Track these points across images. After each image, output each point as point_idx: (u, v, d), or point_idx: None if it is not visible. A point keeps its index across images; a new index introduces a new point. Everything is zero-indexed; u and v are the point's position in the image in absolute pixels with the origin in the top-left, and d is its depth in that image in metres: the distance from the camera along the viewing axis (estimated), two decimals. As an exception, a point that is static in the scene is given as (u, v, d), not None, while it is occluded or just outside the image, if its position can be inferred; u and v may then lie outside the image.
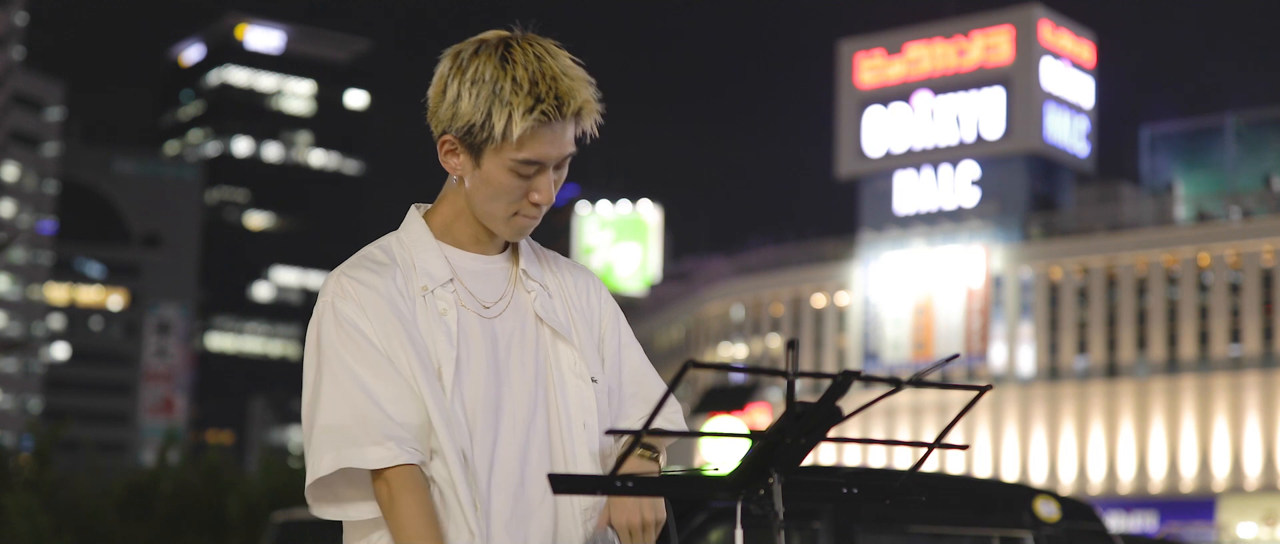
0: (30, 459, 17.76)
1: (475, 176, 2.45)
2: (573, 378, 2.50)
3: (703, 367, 1.86)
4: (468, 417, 2.41)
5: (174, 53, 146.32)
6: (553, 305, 2.54)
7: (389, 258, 2.49)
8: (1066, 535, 5.70)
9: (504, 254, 2.56)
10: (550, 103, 2.39)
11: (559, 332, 2.51)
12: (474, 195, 2.47)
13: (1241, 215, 54.68)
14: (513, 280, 2.54)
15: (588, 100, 2.44)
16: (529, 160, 2.41)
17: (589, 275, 2.66)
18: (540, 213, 2.49)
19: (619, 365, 2.60)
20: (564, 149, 2.45)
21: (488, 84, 2.39)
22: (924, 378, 1.99)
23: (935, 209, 60.54)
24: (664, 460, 2.59)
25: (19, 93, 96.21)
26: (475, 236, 2.53)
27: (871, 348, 59.66)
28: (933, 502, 5.55)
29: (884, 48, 62.61)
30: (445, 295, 2.46)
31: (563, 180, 2.51)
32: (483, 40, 2.45)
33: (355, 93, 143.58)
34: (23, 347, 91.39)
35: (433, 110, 2.47)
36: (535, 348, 2.50)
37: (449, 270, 2.48)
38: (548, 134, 2.41)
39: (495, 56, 2.41)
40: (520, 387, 2.47)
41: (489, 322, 2.48)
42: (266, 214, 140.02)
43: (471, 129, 2.41)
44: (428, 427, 2.39)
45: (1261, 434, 51.37)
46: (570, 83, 2.42)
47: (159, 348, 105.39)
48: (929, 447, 2.17)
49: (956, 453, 35.37)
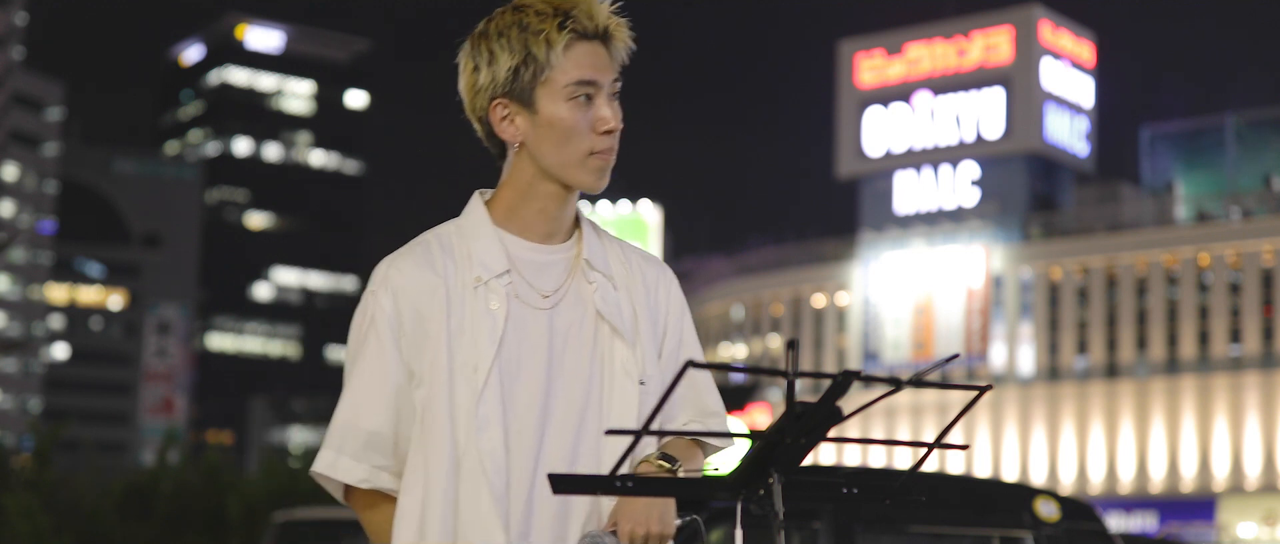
0: (30, 459, 17.75)
1: (536, 128, 2.41)
2: (622, 377, 2.43)
3: (702, 366, 1.86)
4: (509, 415, 2.37)
5: (174, 53, 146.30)
6: (617, 299, 2.47)
7: (443, 246, 2.45)
8: (1066, 535, 5.70)
9: (567, 243, 2.49)
10: (581, 16, 2.39)
11: (617, 329, 2.44)
12: (541, 151, 2.41)
13: (1241, 215, 54.69)
14: (573, 271, 2.47)
15: (612, 16, 2.43)
16: (582, 80, 2.39)
17: (661, 268, 2.58)
18: (614, 142, 2.43)
19: (676, 365, 2.53)
20: (610, 71, 2.42)
21: (512, 27, 2.39)
22: (924, 378, 1.99)
23: (935, 209, 60.54)
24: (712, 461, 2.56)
25: (19, 93, 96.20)
26: (542, 213, 2.45)
27: (871, 348, 59.66)
28: (933, 502, 5.56)
29: (884, 48, 62.61)
30: (498, 288, 2.40)
31: (621, 118, 2.46)
32: (491, 15, 2.45)
33: (355, 93, 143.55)
34: (23, 347, 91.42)
35: (470, 96, 2.45)
36: (592, 343, 2.43)
37: (506, 261, 2.42)
38: (589, 51, 2.40)
39: (509, 9, 2.42)
40: (574, 383, 2.41)
41: (546, 313, 2.42)
42: (266, 214, 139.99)
43: (516, 74, 2.39)
44: (409, 438, 2.40)
45: (1261, 434, 51.37)
46: (592, 3, 2.42)
47: (159, 348, 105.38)
48: (929, 447, 2.17)
49: (956, 453, 35.37)
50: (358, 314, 2.46)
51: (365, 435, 2.41)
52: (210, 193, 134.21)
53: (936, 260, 58.60)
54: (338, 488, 2.46)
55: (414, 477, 2.38)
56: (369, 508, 2.45)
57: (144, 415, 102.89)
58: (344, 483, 2.44)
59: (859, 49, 63.19)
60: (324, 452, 2.44)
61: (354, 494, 2.46)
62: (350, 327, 2.48)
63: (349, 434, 2.42)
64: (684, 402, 2.55)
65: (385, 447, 2.42)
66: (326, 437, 2.45)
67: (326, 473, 2.43)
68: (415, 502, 2.37)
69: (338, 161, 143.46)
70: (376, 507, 2.44)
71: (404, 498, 2.39)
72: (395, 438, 2.42)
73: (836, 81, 63.99)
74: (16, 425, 74.39)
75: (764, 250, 64.45)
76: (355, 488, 2.45)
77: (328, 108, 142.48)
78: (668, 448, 2.47)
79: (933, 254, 58.79)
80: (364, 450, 2.42)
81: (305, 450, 26.19)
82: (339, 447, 2.43)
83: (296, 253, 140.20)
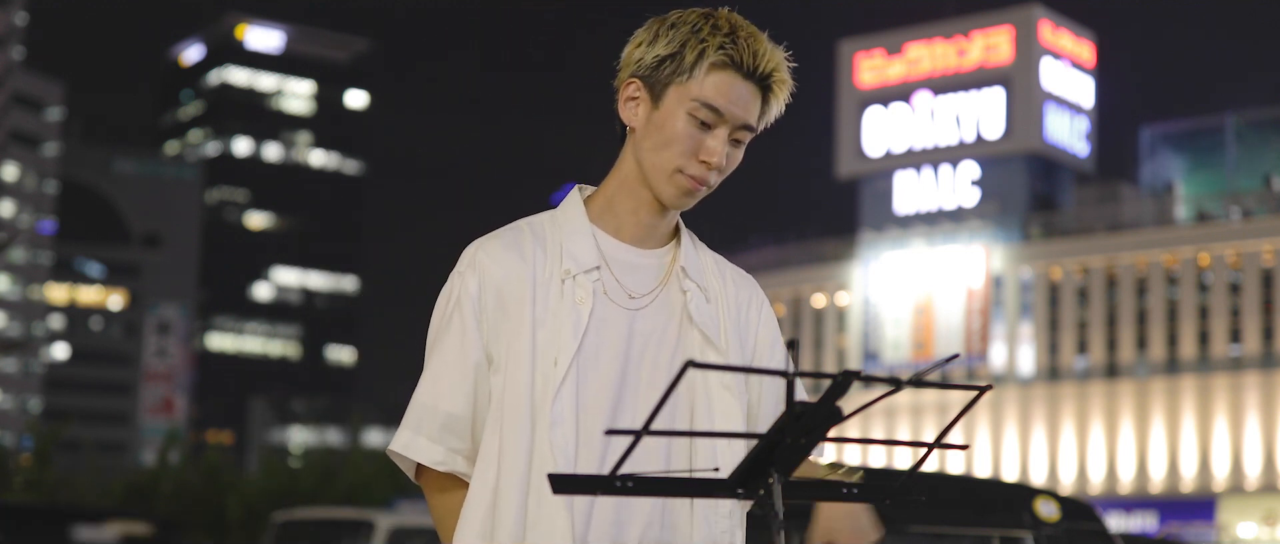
0: (30, 459, 17.77)
1: (651, 120, 2.39)
2: (720, 389, 2.40)
3: (702, 367, 1.86)
4: (581, 411, 2.35)
5: (174, 53, 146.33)
6: (710, 311, 2.44)
7: (536, 235, 2.43)
8: (1066, 535, 5.70)
9: (663, 249, 2.47)
10: (745, 50, 2.37)
11: (710, 338, 2.41)
12: (644, 144, 2.40)
13: (1241, 215, 54.69)
14: (668, 277, 2.45)
15: (780, 70, 2.41)
16: (709, 104, 2.36)
17: (754, 287, 2.55)
18: (708, 177, 2.40)
19: (761, 393, 2.49)
20: (746, 113, 2.39)
21: (688, 26, 2.38)
22: (924, 378, 1.98)
23: (935, 209, 60.54)
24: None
25: (19, 93, 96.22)
26: (636, 212, 2.44)
27: (871, 348, 59.67)
28: (933, 502, 5.55)
29: (884, 48, 62.60)
30: (586, 283, 2.38)
31: (736, 164, 2.44)
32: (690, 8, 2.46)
33: (355, 93, 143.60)
34: (23, 347, 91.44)
35: (624, 66, 2.44)
36: (676, 350, 2.40)
37: (597, 256, 2.41)
38: (734, 84, 2.37)
39: (701, 12, 2.41)
40: (650, 387, 2.38)
41: (631, 314, 2.39)
42: (266, 214, 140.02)
43: (661, 63, 2.38)
44: (484, 421, 2.40)
45: (1261, 434, 51.37)
46: (769, 49, 2.40)
47: (159, 348, 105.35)
48: (929, 447, 2.17)
49: (956, 453, 35.36)
50: (443, 295, 2.45)
51: (443, 417, 2.41)
52: (210, 193, 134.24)
53: (936, 260, 58.60)
54: (411, 467, 2.47)
55: (488, 462, 2.37)
56: (441, 491, 2.45)
57: (144, 415, 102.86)
58: (418, 463, 2.45)
59: (859, 49, 63.18)
60: (402, 431, 2.44)
61: (426, 475, 2.46)
62: (434, 306, 2.47)
63: (427, 415, 2.42)
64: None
65: (463, 430, 2.42)
66: (406, 416, 2.45)
67: (403, 452, 2.44)
68: (487, 488, 2.36)
69: (338, 161, 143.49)
70: (448, 490, 2.45)
71: (477, 482, 2.38)
72: (473, 421, 2.42)
73: (836, 81, 63.98)
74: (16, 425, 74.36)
75: (764, 250, 64.44)
76: (429, 469, 2.45)
77: (328, 108, 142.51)
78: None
79: (933, 254, 58.79)
80: (441, 433, 2.41)
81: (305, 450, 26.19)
82: (417, 427, 2.43)
83: (296, 253, 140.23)
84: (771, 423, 2.46)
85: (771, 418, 2.48)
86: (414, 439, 2.42)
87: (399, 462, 2.46)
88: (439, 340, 2.43)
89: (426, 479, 2.47)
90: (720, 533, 2.39)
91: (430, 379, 2.43)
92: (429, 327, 2.47)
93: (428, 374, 2.43)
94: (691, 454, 2.39)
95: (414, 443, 2.42)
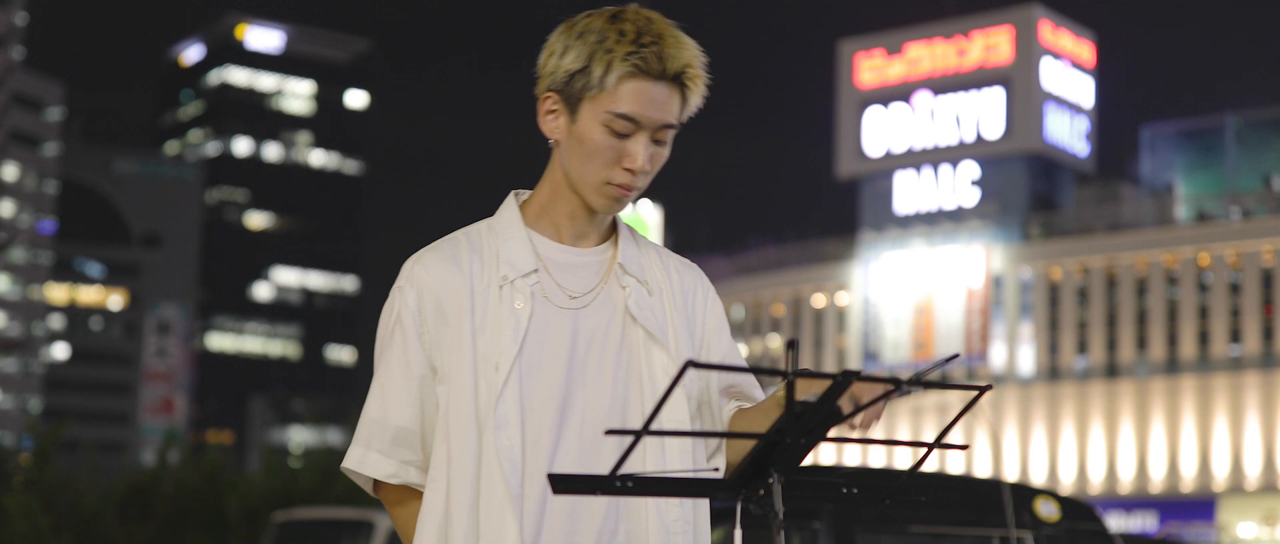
0: (30, 459, 17.75)
1: (571, 135, 2.40)
2: (665, 381, 2.40)
3: (702, 367, 1.86)
4: (526, 414, 2.36)
5: (174, 53, 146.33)
6: (651, 304, 2.46)
7: (472, 245, 2.45)
8: (1066, 535, 5.70)
9: (602, 246, 2.49)
10: (651, 55, 2.35)
11: (653, 334, 2.42)
12: (569, 158, 2.41)
13: (1241, 215, 54.69)
14: (607, 274, 2.46)
15: (692, 66, 2.39)
16: (623, 114, 2.36)
17: (698, 276, 2.57)
18: (634, 182, 2.40)
19: (709, 381, 2.51)
20: (663, 114, 2.38)
21: (594, 34, 2.37)
22: (924, 378, 1.98)
23: (935, 209, 60.53)
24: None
25: (19, 93, 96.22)
26: (572, 216, 2.46)
27: (871, 348, 59.66)
28: (933, 502, 5.55)
29: (884, 48, 62.60)
30: (524, 287, 2.39)
31: (664, 159, 2.44)
32: (597, 10, 2.45)
33: (355, 93, 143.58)
34: (23, 347, 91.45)
35: (541, 73, 2.44)
36: (620, 347, 2.42)
37: (534, 260, 2.42)
38: (645, 90, 2.36)
39: (606, 15, 2.40)
40: (596, 386, 2.39)
41: (572, 314, 2.41)
42: (266, 214, 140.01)
43: (572, 78, 2.37)
44: (433, 431, 2.42)
45: (1261, 434, 51.37)
46: (678, 46, 2.39)
47: (159, 348, 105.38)
48: (929, 447, 2.17)
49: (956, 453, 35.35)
50: (385, 311, 2.48)
51: (393, 430, 2.43)
52: (210, 193, 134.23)
53: (936, 260, 58.60)
54: (367, 482, 2.49)
55: (438, 471, 2.39)
56: (397, 503, 2.48)
57: (144, 415, 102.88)
58: (373, 478, 2.47)
59: (859, 49, 63.18)
60: (353, 448, 2.47)
61: (383, 489, 2.49)
62: (379, 323, 2.49)
63: (377, 430, 2.44)
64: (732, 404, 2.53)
65: (413, 441, 2.44)
66: (356, 432, 2.47)
67: (356, 469, 2.46)
68: (439, 497, 2.38)
69: (338, 161, 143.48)
70: (405, 502, 2.47)
71: (429, 491, 2.40)
72: (422, 433, 2.44)
73: (836, 81, 63.98)
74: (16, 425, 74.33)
75: (764, 250, 64.45)
76: (384, 483, 2.48)
77: (328, 108, 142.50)
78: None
79: (933, 254, 58.79)
80: (392, 446, 2.44)
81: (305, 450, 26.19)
82: (367, 442, 2.45)
83: (296, 253, 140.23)
84: (724, 412, 2.49)
85: (722, 408, 2.50)
86: (366, 454, 2.45)
87: (355, 478, 2.49)
88: (383, 356, 2.46)
89: (383, 493, 2.49)
90: (675, 536, 2.39)
91: (377, 394, 2.45)
92: (376, 344, 2.50)
93: (375, 390, 2.46)
94: (644, 453, 2.40)
95: (366, 458, 2.45)
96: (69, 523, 17.18)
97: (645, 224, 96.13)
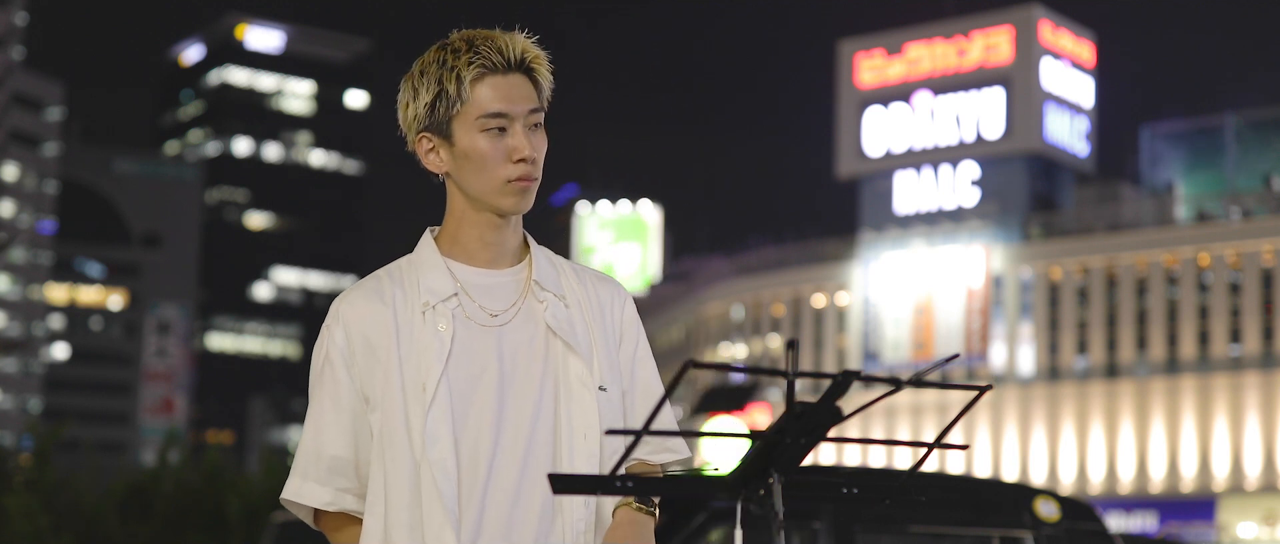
0: (30, 459, 17.74)
1: (456, 159, 2.52)
2: (578, 387, 2.52)
3: (703, 366, 1.86)
4: (459, 429, 2.46)
5: (174, 53, 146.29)
6: (568, 316, 2.56)
7: (393, 279, 2.56)
8: (1066, 535, 5.70)
9: (516, 267, 2.58)
10: (489, 52, 2.49)
11: (570, 344, 2.53)
12: (464, 179, 2.52)
13: (1241, 215, 54.69)
14: (525, 292, 2.56)
15: (530, 50, 2.53)
16: (492, 113, 2.49)
17: (614, 287, 2.68)
18: (530, 171, 2.52)
19: (632, 378, 2.62)
20: (526, 101, 2.51)
21: (433, 66, 2.51)
22: (924, 378, 1.99)
23: (935, 209, 60.54)
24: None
25: (19, 93, 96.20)
26: (483, 240, 2.56)
27: (871, 348, 59.67)
28: (933, 502, 5.56)
29: (884, 48, 62.61)
30: (445, 310, 2.50)
31: (545, 146, 2.55)
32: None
33: (355, 93, 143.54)
34: (23, 347, 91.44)
35: (406, 126, 2.56)
36: (544, 358, 2.52)
37: (453, 285, 2.53)
38: (499, 84, 2.49)
39: (435, 47, 2.54)
40: (525, 397, 2.50)
41: (496, 331, 2.51)
42: (266, 214, 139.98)
43: (433, 109, 2.50)
44: (369, 460, 2.51)
45: (1261, 434, 51.37)
46: (509, 38, 2.53)
47: (159, 348, 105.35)
48: (929, 447, 2.17)
49: (956, 453, 35.38)
50: (316, 349, 2.58)
51: (328, 460, 2.53)
52: (210, 193, 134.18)
53: (936, 260, 58.60)
54: (307, 513, 2.56)
55: (376, 496, 2.49)
56: (337, 530, 2.57)
57: (144, 415, 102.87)
58: (312, 507, 2.55)
59: (859, 49, 63.19)
60: (291, 479, 2.55)
61: (323, 517, 2.57)
62: (311, 362, 2.59)
63: (313, 460, 2.54)
64: (643, 413, 2.63)
65: (348, 470, 2.53)
66: (294, 465, 2.56)
67: (294, 498, 2.55)
68: (377, 520, 2.48)
69: (338, 161, 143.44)
70: (343, 529, 2.56)
71: (368, 517, 2.49)
72: (356, 461, 2.53)
73: (836, 81, 63.99)
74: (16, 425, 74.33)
75: (764, 250, 64.46)
76: (323, 511, 2.56)
77: (328, 108, 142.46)
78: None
79: (933, 254, 58.79)
80: (328, 475, 2.53)
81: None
82: (304, 473, 2.54)
83: (296, 253, 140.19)
84: (644, 417, 2.59)
85: (644, 412, 2.60)
86: (303, 485, 2.54)
87: (294, 510, 2.57)
88: (315, 392, 2.55)
89: (323, 522, 2.57)
90: (577, 536, 2.49)
91: (312, 427, 2.54)
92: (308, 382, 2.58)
93: (309, 423, 2.55)
94: (556, 452, 2.50)
95: (303, 488, 2.54)
96: (69, 523, 17.16)
97: (645, 224, 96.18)
